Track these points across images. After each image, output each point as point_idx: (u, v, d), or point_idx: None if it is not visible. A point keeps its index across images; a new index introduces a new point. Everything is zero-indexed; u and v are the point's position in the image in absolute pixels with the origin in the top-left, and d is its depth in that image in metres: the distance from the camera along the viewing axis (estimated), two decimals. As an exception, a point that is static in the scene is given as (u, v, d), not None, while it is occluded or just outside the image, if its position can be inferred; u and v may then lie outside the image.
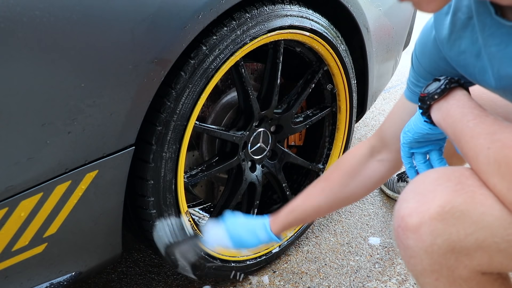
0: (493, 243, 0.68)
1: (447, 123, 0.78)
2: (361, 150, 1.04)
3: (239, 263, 1.35)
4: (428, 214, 0.69)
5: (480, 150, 0.69)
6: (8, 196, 0.82)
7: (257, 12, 1.12)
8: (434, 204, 0.69)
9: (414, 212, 0.71)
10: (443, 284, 0.73)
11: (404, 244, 0.73)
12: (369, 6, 1.42)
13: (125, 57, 0.88)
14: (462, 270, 0.71)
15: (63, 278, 0.98)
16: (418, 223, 0.70)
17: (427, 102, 0.81)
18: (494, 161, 0.67)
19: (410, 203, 0.72)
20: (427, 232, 0.69)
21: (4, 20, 0.73)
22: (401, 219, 0.72)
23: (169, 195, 1.09)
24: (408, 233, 0.71)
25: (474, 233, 0.68)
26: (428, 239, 0.69)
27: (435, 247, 0.70)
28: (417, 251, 0.71)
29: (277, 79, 1.28)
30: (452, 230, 0.68)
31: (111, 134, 0.92)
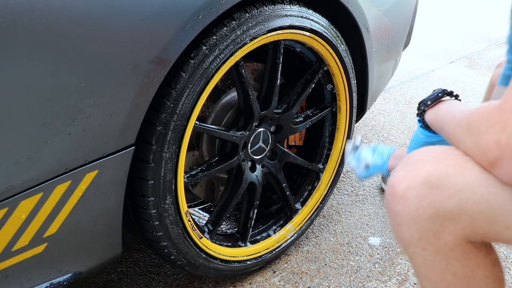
0: (474, 204, 0.71)
1: (435, 121, 0.86)
2: None
3: (240, 263, 1.35)
4: (415, 179, 0.74)
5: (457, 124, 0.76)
6: (8, 196, 0.82)
7: (257, 12, 1.12)
8: (420, 170, 0.74)
9: (403, 179, 0.75)
10: (429, 253, 0.76)
11: (393, 211, 0.76)
12: (369, 6, 1.42)
13: (125, 57, 0.88)
14: (447, 236, 0.74)
15: (63, 278, 0.98)
16: (405, 188, 0.74)
17: (421, 107, 0.92)
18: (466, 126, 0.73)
19: (400, 172, 0.77)
20: (413, 196, 0.73)
21: (4, 20, 0.73)
22: (391, 187, 0.77)
23: (169, 195, 1.09)
24: (396, 198, 0.75)
25: (456, 193, 0.71)
26: (414, 202, 0.73)
27: (421, 211, 0.73)
28: (404, 216, 0.75)
29: (277, 79, 1.28)
30: (436, 192, 0.72)
31: (111, 134, 0.92)
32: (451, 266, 0.75)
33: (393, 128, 2.42)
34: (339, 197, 1.83)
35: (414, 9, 1.90)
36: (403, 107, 2.68)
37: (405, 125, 2.45)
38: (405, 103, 2.73)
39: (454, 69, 3.50)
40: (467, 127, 0.73)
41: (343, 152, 1.58)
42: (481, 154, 0.70)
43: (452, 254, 0.75)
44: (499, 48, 3.90)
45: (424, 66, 3.57)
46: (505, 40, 0.96)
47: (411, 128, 2.41)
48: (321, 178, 1.57)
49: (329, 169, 1.57)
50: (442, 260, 0.75)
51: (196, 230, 1.21)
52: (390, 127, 2.43)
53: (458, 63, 3.62)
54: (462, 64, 3.60)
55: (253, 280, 1.42)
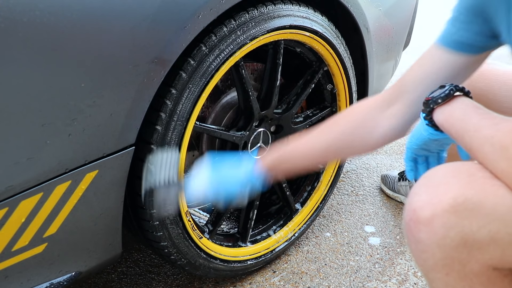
0: (506, 235, 0.67)
1: (450, 124, 0.78)
2: (372, 101, 0.97)
3: (240, 263, 1.35)
4: (440, 206, 0.69)
5: (485, 140, 0.69)
6: (8, 196, 0.82)
7: (257, 12, 1.12)
8: (446, 197, 0.69)
9: (426, 204, 0.70)
10: (453, 279, 0.72)
11: (416, 238, 0.72)
12: (369, 6, 1.42)
13: (125, 57, 0.88)
14: (473, 264, 0.70)
15: (63, 278, 0.98)
16: (431, 216, 0.69)
17: (430, 105, 0.82)
18: (500, 147, 0.67)
19: (422, 196, 0.71)
20: (439, 224, 0.69)
21: (4, 20, 0.73)
22: (412, 212, 0.71)
23: (169, 195, 1.09)
24: (420, 226, 0.70)
25: (487, 225, 0.67)
26: (440, 231, 0.69)
27: (448, 240, 0.69)
28: (429, 245, 0.70)
29: (277, 79, 1.28)
30: (465, 222, 0.68)
31: (111, 134, 0.92)
32: None
33: (393, 128, 2.42)
34: (339, 197, 1.83)
35: (414, 9, 1.90)
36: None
37: (405, 125, 2.45)
38: (405, 103, 2.74)
39: (454, 69, 3.50)
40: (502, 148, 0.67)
41: None
42: None
43: (477, 280, 0.71)
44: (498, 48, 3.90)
45: (424, 66, 3.56)
46: None
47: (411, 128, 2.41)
48: (321, 178, 1.57)
49: (329, 169, 1.57)
50: (466, 286, 0.72)
51: (196, 230, 1.21)
52: (390, 127, 2.43)
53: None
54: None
55: (253, 280, 1.42)
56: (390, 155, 2.15)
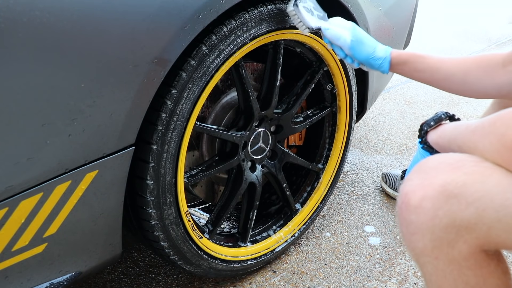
0: (492, 212, 0.70)
1: (443, 139, 0.86)
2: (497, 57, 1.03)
3: (240, 263, 1.35)
4: (431, 188, 0.72)
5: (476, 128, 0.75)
6: (8, 196, 0.82)
7: (257, 12, 1.12)
8: (436, 179, 0.72)
9: (417, 187, 0.74)
10: (442, 262, 0.75)
11: (407, 220, 0.75)
12: (369, 6, 1.42)
13: (125, 57, 0.88)
14: (461, 245, 0.73)
15: (63, 278, 0.98)
16: (421, 198, 0.73)
17: (424, 128, 0.93)
18: (488, 125, 0.72)
19: (414, 180, 0.75)
20: (429, 205, 0.72)
21: (4, 20, 0.73)
22: (404, 195, 0.75)
23: (169, 195, 1.09)
24: (411, 208, 0.74)
25: (474, 202, 0.70)
26: (430, 212, 0.72)
27: (437, 221, 0.72)
28: (419, 226, 0.73)
29: (277, 79, 1.28)
30: (453, 201, 0.71)
31: (111, 134, 0.92)
32: (464, 275, 0.74)
33: (393, 128, 2.42)
34: (339, 197, 1.83)
35: (414, 9, 1.90)
36: (403, 107, 2.68)
37: (405, 125, 2.45)
38: (405, 103, 2.73)
39: (454, 69, 3.50)
40: (490, 125, 0.72)
41: (343, 152, 1.58)
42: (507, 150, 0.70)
43: (465, 264, 0.74)
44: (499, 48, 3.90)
45: (424, 66, 3.56)
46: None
47: (411, 128, 2.41)
48: (321, 178, 1.57)
49: (329, 169, 1.57)
50: (455, 269, 0.74)
51: (196, 230, 1.21)
52: (390, 127, 2.43)
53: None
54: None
55: (253, 280, 1.42)
56: (390, 155, 2.15)
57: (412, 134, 2.35)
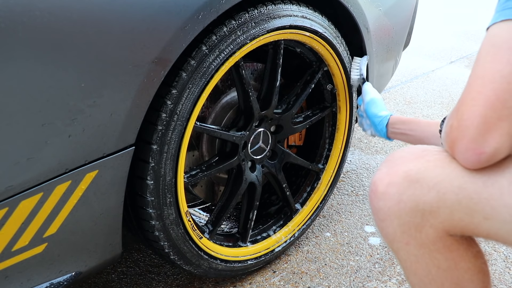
0: (452, 195, 0.73)
1: None
2: None
3: (240, 263, 1.35)
4: (395, 175, 0.77)
5: None
6: (8, 196, 0.82)
7: (257, 12, 1.12)
8: (401, 166, 0.77)
9: (384, 175, 0.78)
10: (413, 247, 0.78)
11: (376, 207, 0.79)
12: (369, 6, 1.42)
13: (125, 57, 0.88)
14: (428, 229, 0.76)
15: (63, 278, 0.98)
16: (387, 184, 0.77)
17: (442, 125, 0.94)
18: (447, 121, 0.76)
19: (382, 170, 0.80)
20: (394, 191, 0.76)
21: (4, 20, 0.73)
22: (373, 184, 0.79)
23: (169, 195, 1.09)
24: (378, 194, 0.78)
25: (435, 185, 0.74)
26: (395, 197, 0.76)
27: (402, 205, 0.76)
28: (386, 211, 0.77)
29: (277, 79, 1.28)
30: (416, 185, 0.75)
31: (111, 134, 0.92)
32: (435, 259, 0.78)
33: (393, 128, 2.42)
34: (339, 197, 1.83)
35: (414, 9, 1.90)
36: (403, 107, 2.68)
37: (405, 125, 2.44)
38: (405, 103, 2.73)
39: (454, 69, 3.51)
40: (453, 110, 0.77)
41: (343, 152, 1.58)
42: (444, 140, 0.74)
43: (434, 247, 0.77)
44: (499, 48, 3.90)
45: (424, 66, 3.57)
46: None
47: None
48: (321, 178, 1.57)
49: (329, 169, 1.57)
50: (426, 253, 0.78)
51: (196, 230, 1.21)
52: (390, 127, 2.43)
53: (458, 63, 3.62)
54: (462, 64, 3.60)
55: (253, 280, 1.42)
56: (390, 155, 2.15)
57: (412, 134, 2.35)
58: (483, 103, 0.68)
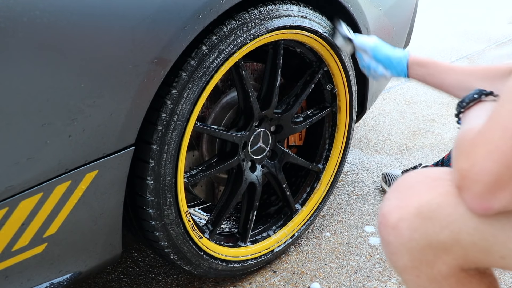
0: (467, 236, 0.70)
1: None
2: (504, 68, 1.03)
3: (240, 263, 1.35)
4: (406, 210, 0.72)
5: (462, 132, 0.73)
6: (8, 196, 0.82)
7: (257, 12, 1.12)
8: (412, 200, 0.73)
9: (394, 209, 0.74)
10: (423, 281, 0.75)
11: (386, 241, 0.76)
12: (369, 6, 1.42)
13: (125, 57, 0.88)
14: (441, 266, 0.73)
15: (63, 278, 0.98)
16: (397, 219, 0.73)
17: (458, 108, 0.87)
18: (456, 145, 0.71)
19: (391, 201, 0.75)
20: (405, 227, 0.72)
21: (4, 20, 0.73)
22: (382, 216, 0.75)
23: (169, 195, 1.09)
24: (388, 229, 0.74)
25: (449, 225, 0.70)
26: (406, 234, 0.72)
27: (414, 243, 0.72)
28: (397, 247, 0.74)
29: (277, 79, 1.28)
30: (428, 224, 0.71)
31: (111, 134, 0.92)
32: None
33: (393, 128, 2.42)
34: (339, 197, 1.83)
35: (414, 9, 1.90)
36: (403, 107, 2.68)
37: (405, 125, 2.45)
38: (405, 103, 2.73)
39: (454, 69, 3.50)
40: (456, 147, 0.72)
41: (344, 152, 1.58)
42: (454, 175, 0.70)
43: (446, 282, 0.74)
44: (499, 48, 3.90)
45: (424, 66, 3.55)
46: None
47: (411, 128, 2.41)
48: (321, 178, 1.57)
49: (329, 169, 1.57)
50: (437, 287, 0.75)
51: (196, 230, 1.21)
52: (390, 127, 2.43)
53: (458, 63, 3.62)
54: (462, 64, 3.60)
55: (253, 280, 1.42)
56: (390, 155, 2.15)
57: (412, 134, 2.35)
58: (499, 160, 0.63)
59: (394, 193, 0.76)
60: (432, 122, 2.48)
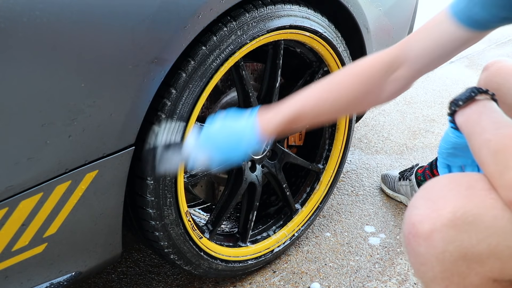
0: (505, 248, 0.67)
1: (466, 127, 0.78)
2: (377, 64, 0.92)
3: (240, 263, 1.35)
4: (439, 220, 0.69)
5: (484, 143, 0.69)
6: (8, 196, 0.82)
7: (257, 12, 1.12)
8: (445, 211, 0.69)
9: (426, 218, 0.70)
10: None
11: (415, 251, 0.72)
12: (369, 6, 1.42)
13: (125, 57, 0.88)
14: (473, 277, 0.70)
15: (63, 278, 0.98)
16: (430, 230, 0.69)
17: (452, 108, 0.83)
18: (493, 151, 0.67)
19: (421, 209, 0.71)
20: (439, 239, 0.69)
21: (4, 20, 0.73)
22: (412, 226, 0.71)
23: (169, 195, 1.09)
24: (419, 240, 0.70)
25: (487, 238, 0.67)
26: (440, 245, 0.69)
27: (447, 254, 0.69)
28: (428, 258, 0.71)
29: (277, 79, 1.28)
30: (464, 236, 0.68)
31: (111, 134, 0.92)
32: None
33: (393, 128, 2.42)
34: (339, 197, 1.83)
35: (414, 9, 1.90)
36: (403, 107, 2.68)
37: (405, 125, 2.45)
38: (405, 103, 2.73)
39: (454, 69, 3.51)
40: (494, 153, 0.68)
41: (343, 152, 1.58)
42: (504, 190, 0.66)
43: None
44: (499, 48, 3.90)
45: (424, 66, 3.55)
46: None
47: (411, 128, 2.41)
48: (321, 178, 1.57)
49: (329, 169, 1.57)
50: None
51: (196, 230, 1.21)
52: (390, 127, 2.43)
53: (458, 63, 3.62)
54: (462, 64, 3.60)
55: (253, 280, 1.42)
56: (390, 155, 2.15)
57: (412, 134, 2.35)
58: None
59: (423, 201, 0.72)
60: (432, 122, 2.48)
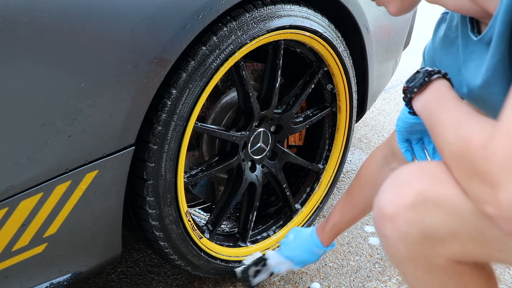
0: (465, 233, 0.70)
1: (425, 115, 0.80)
2: (376, 160, 1.13)
3: (240, 263, 1.35)
4: (402, 204, 0.72)
5: (444, 144, 0.71)
6: (8, 196, 0.82)
7: (257, 12, 1.12)
8: (408, 195, 0.72)
9: (390, 202, 0.74)
10: (421, 271, 0.75)
11: (382, 233, 0.76)
12: (369, 6, 1.42)
13: (125, 57, 0.88)
14: (438, 259, 0.73)
15: (63, 278, 0.98)
16: (394, 213, 0.73)
17: (407, 95, 0.84)
18: (454, 155, 0.69)
19: (388, 194, 0.75)
20: (401, 221, 0.72)
21: (4, 20, 0.73)
22: (379, 209, 0.75)
23: (169, 195, 1.09)
24: (385, 222, 0.75)
25: (446, 223, 0.70)
26: (403, 228, 0.72)
27: (410, 236, 0.72)
28: (394, 240, 0.74)
29: (277, 79, 1.28)
30: (425, 219, 0.71)
31: (111, 134, 0.92)
32: (444, 283, 0.75)
33: (393, 128, 2.42)
34: (339, 197, 1.83)
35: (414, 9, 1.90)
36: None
37: (405, 125, 2.45)
38: (405, 103, 2.74)
39: (454, 69, 3.50)
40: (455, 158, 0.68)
41: (343, 152, 1.58)
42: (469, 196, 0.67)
43: (443, 273, 0.74)
44: (499, 48, 3.90)
45: (424, 66, 3.55)
46: None
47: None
48: (321, 178, 1.57)
49: (329, 169, 1.57)
50: (434, 277, 0.75)
51: (196, 230, 1.21)
52: (390, 127, 2.43)
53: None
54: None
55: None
56: (390, 155, 2.15)
57: (412, 134, 2.35)
58: None
59: (390, 186, 0.76)
60: (432, 122, 2.48)
